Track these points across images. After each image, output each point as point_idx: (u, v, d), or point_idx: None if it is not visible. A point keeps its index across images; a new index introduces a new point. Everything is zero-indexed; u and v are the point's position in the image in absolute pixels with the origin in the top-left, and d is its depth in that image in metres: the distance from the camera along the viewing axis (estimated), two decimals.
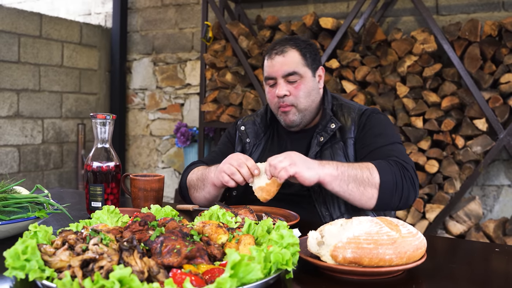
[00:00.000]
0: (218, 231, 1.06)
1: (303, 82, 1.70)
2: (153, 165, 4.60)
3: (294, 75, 1.69)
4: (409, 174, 1.53)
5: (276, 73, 1.70)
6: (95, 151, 1.53)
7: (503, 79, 3.00)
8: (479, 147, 3.06)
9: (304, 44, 1.73)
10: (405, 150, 1.67)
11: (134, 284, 0.78)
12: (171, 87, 4.48)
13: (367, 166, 1.49)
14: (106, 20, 4.76)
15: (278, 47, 1.72)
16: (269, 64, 1.72)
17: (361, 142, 1.68)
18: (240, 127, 1.88)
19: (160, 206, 1.29)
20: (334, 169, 1.45)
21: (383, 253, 0.97)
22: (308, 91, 1.71)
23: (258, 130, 1.86)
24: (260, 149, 1.84)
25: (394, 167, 1.51)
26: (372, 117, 1.72)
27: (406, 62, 3.22)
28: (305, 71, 1.70)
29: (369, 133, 1.68)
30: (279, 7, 3.94)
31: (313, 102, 1.74)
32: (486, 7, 3.29)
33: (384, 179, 1.47)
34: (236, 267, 0.82)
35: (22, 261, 0.87)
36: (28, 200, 1.30)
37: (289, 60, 1.69)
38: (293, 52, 1.70)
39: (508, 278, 1.11)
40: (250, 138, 1.85)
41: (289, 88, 1.70)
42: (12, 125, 3.89)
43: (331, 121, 1.71)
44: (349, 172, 1.46)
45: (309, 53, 1.72)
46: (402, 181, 1.50)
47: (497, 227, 3.08)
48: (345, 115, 1.74)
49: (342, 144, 1.69)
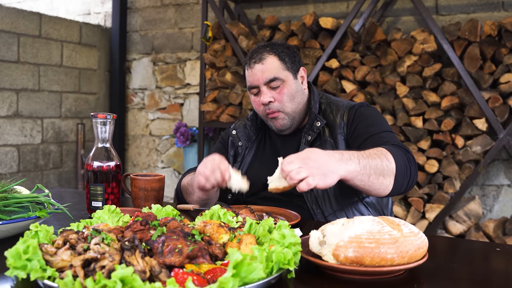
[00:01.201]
0: (219, 231, 1.06)
1: (285, 86, 1.70)
2: (153, 165, 4.60)
3: (275, 81, 1.68)
4: (411, 156, 1.53)
5: (257, 81, 1.70)
6: (96, 151, 1.53)
7: (503, 79, 3.00)
8: (479, 147, 3.07)
9: (281, 48, 1.73)
10: (397, 139, 1.66)
11: (136, 283, 0.77)
12: (170, 87, 4.48)
13: (382, 152, 1.45)
14: (105, 19, 4.76)
15: (256, 56, 1.72)
16: (250, 74, 1.72)
17: (354, 135, 1.68)
18: (231, 131, 1.89)
19: (161, 205, 1.29)
20: (356, 164, 1.38)
21: (385, 252, 0.97)
22: (291, 94, 1.71)
23: (250, 133, 1.87)
24: (252, 152, 1.86)
25: (400, 150, 1.50)
26: (360, 110, 1.72)
27: (406, 62, 3.22)
28: (286, 75, 1.70)
29: (360, 125, 1.68)
30: (279, 7, 3.94)
31: (299, 104, 1.74)
32: (486, 7, 3.29)
33: (398, 165, 1.45)
34: (238, 266, 0.82)
35: (23, 261, 0.87)
36: (28, 199, 1.30)
37: (268, 66, 1.69)
38: (271, 58, 1.70)
39: (509, 278, 1.11)
40: (242, 141, 1.86)
41: (272, 94, 1.69)
42: (12, 125, 3.88)
43: (316, 119, 1.71)
44: (370, 163, 1.40)
45: (287, 57, 1.72)
46: (410, 165, 1.50)
47: (496, 227, 3.08)
48: (334, 112, 1.74)
49: (331, 142, 1.70)
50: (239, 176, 1.50)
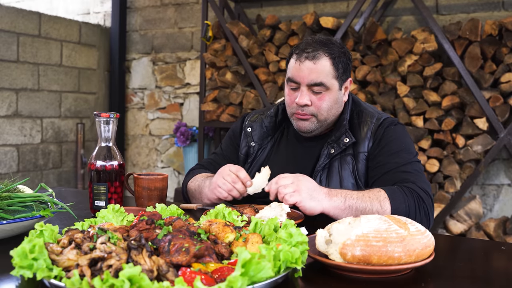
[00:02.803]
0: (225, 230, 1.05)
1: (328, 95, 1.58)
2: (152, 165, 4.59)
3: (320, 86, 1.56)
4: (424, 206, 1.45)
5: (301, 79, 1.57)
6: (99, 150, 1.52)
7: (504, 79, 3.01)
8: (480, 146, 3.07)
9: (338, 53, 1.59)
10: (422, 169, 1.59)
11: (144, 283, 0.77)
12: (170, 86, 4.47)
13: (378, 197, 1.42)
14: (105, 19, 4.75)
15: (310, 50, 1.57)
16: (296, 67, 1.58)
17: (375, 160, 1.59)
18: (246, 128, 1.78)
19: (164, 205, 1.28)
20: (341, 203, 1.39)
21: (392, 250, 0.97)
22: (331, 104, 1.60)
23: (265, 133, 1.77)
24: (265, 153, 1.76)
25: (409, 196, 1.44)
26: (389, 130, 1.61)
27: (407, 62, 3.22)
28: (332, 84, 1.58)
29: (384, 150, 1.58)
30: (279, 6, 3.94)
31: (334, 115, 1.64)
32: (486, 6, 3.29)
33: (396, 209, 1.41)
34: (246, 265, 0.81)
35: (29, 260, 0.86)
36: (32, 199, 1.29)
37: (319, 68, 1.55)
38: (325, 60, 1.56)
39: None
40: (255, 141, 1.75)
41: (311, 98, 1.58)
42: (11, 125, 3.87)
43: (346, 135, 1.61)
44: (357, 205, 1.40)
45: (342, 64, 1.59)
46: (416, 213, 1.43)
47: (497, 226, 3.08)
48: (361, 124, 1.64)
49: (352, 159, 1.61)
50: (259, 178, 1.49)
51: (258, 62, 3.60)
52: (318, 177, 1.62)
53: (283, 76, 3.55)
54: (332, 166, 1.62)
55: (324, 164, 1.62)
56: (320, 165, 1.62)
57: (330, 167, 1.62)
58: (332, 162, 1.63)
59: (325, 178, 1.62)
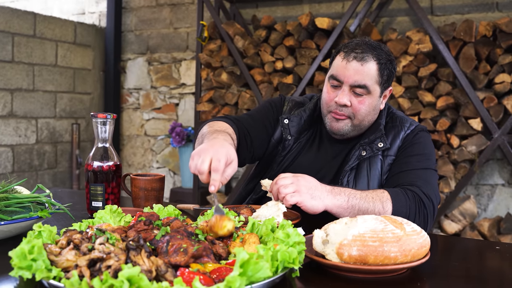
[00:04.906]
0: (222, 219, 1.05)
1: (368, 99, 1.59)
2: (148, 165, 4.59)
3: (363, 89, 1.57)
4: (425, 211, 1.46)
5: (346, 78, 1.57)
6: (96, 151, 1.53)
7: (498, 79, 3.03)
8: (474, 146, 3.09)
9: (386, 60, 1.59)
10: (436, 178, 1.59)
11: (143, 283, 0.78)
12: (165, 86, 4.47)
13: (381, 198, 1.43)
14: (100, 19, 4.74)
15: (359, 51, 1.57)
16: (342, 65, 1.58)
17: (396, 159, 1.62)
18: (283, 119, 1.73)
19: (162, 205, 1.28)
20: (344, 202, 1.39)
21: (388, 250, 0.98)
22: (369, 109, 1.61)
23: (303, 127, 1.74)
24: (299, 147, 1.73)
25: (411, 200, 1.45)
26: (417, 135, 1.64)
27: (402, 62, 3.24)
28: (374, 89, 1.59)
29: (407, 150, 1.61)
30: (274, 7, 3.95)
31: (369, 121, 1.65)
32: (480, 7, 3.31)
33: (397, 211, 1.42)
34: (245, 265, 0.82)
35: (28, 261, 0.87)
36: (30, 199, 1.29)
37: (365, 70, 1.55)
38: (372, 64, 1.56)
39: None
40: (291, 135, 1.72)
41: (351, 99, 1.58)
42: (6, 125, 3.86)
43: (381, 139, 1.62)
44: (360, 205, 1.41)
45: (387, 71, 1.60)
46: (415, 217, 1.44)
47: (491, 226, 3.10)
48: (395, 130, 1.65)
49: (381, 160, 1.62)
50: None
51: (253, 62, 3.61)
52: (346, 177, 1.62)
53: (279, 76, 3.56)
54: (361, 167, 1.63)
55: (351, 166, 1.63)
56: (350, 166, 1.62)
57: (358, 168, 1.63)
58: (361, 163, 1.63)
59: (353, 178, 1.62)
